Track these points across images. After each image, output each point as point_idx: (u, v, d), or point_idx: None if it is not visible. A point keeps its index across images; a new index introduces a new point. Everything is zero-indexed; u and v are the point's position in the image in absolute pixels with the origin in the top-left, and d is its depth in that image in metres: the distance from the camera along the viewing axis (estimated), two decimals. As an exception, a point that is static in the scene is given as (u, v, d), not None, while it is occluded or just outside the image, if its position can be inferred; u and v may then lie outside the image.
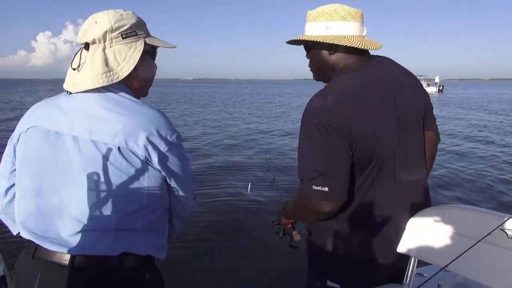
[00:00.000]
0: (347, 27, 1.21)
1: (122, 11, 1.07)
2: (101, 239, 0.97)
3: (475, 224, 1.14)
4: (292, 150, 8.33)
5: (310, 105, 1.18)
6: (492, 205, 4.84)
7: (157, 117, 1.03)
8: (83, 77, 1.02)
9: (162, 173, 1.03)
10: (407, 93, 1.25)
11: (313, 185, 1.13)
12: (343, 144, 1.11)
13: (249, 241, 3.80)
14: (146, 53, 1.10)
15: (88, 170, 0.96)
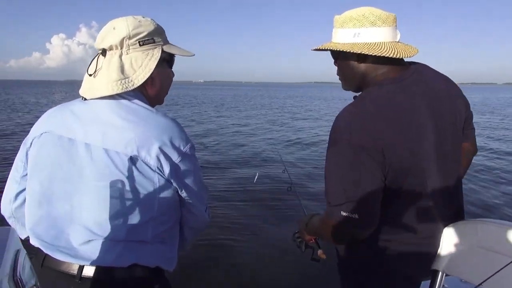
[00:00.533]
0: (377, 33, 1.11)
1: (141, 17, 1.07)
2: (111, 250, 0.97)
3: (509, 241, 1.09)
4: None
5: (339, 122, 1.10)
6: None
7: (171, 126, 1.01)
8: (98, 84, 1.01)
9: (174, 184, 1.01)
10: (446, 104, 1.16)
11: (342, 211, 1.05)
12: (375, 166, 1.03)
13: (266, 247, 3.78)
14: (163, 61, 1.09)
15: (99, 178, 0.96)
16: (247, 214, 4.70)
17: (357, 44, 1.12)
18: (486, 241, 1.15)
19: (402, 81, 1.12)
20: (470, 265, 1.18)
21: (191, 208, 1.10)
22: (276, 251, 3.60)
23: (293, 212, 4.08)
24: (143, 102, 1.04)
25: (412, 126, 1.07)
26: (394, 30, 1.14)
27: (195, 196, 1.08)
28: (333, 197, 1.09)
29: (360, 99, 1.13)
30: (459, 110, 1.20)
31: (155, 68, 1.05)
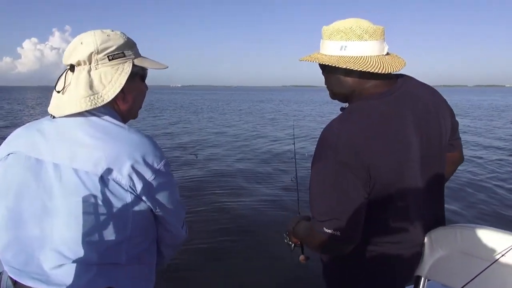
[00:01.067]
0: (364, 47, 1.09)
1: (109, 31, 1.03)
2: (83, 274, 0.93)
3: (488, 245, 1.13)
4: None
5: (325, 137, 1.09)
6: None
7: (143, 143, 0.98)
8: (67, 101, 0.98)
9: (148, 203, 0.98)
10: (433, 117, 1.16)
11: (324, 227, 1.07)
12: (359, 184, 1.03)
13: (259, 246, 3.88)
14: (135, 75, 1.06)
15: (69, 199, 0.92)
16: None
17: (344, 57, 1.11)
18: (465, 246, 1.17)
19: (390, 96, 1.12)
20: (451, 270, 1.21)
21: (167, 226, 1.08)
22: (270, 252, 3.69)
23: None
24: (115, 118, 1.01)
25: (398, 143, 1.07)
26: (381, 44, 1.13)
27: (171, 214, 1.05)
28: (316, 212, 1.09)
29: (347, 114, 1.12)
30: (445, 121, 1.21)
31: (126, 83, 1.01)
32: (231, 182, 6.56)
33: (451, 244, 1.20)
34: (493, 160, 8.32)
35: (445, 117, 1.22)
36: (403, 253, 1.19)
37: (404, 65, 1.13)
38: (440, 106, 1.21)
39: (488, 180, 6.51)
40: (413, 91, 1.18)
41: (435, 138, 1.17)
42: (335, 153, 1.03)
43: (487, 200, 5.40)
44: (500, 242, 1.09)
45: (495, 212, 4.92)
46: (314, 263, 1.41)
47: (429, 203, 1.22)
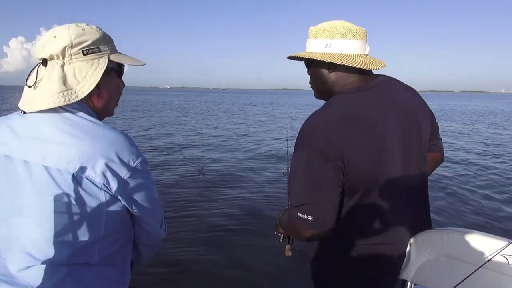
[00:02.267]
0: (347, 45, 1.16)
1: (84, 25, 1.00)
2: (51, 275, 0.89)
3: (475, 249, 1.12)
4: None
5: (304, 127, 1.14)
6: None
7: (118, 140, 0.94)
8: (39, 96, 0.94)
9: (123, 202, 0.94)
10: (412, 116, 1.20)
11: (299, 212, 1.11)
12: (333, 172, 1.07)
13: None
14: (111, 71, 1.03)
15: (39, 198, 0.88)
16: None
17: (328, 54, 1.17)
18: (452, 250, 1.16)
19: (369, 89, 1.17)
20: (437, 274, 1.20)
21: (144, 225, 1.05)
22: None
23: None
24: (89, 115, 0.98)
25: (374, 132, 1.10)
26: (363, 44, 1.19)
27: (148, 213, 1.02)
28: (292, 198, 1.15)
29: (326, 105, 1.18)
30: (425, 122, 1.24)
31: (102, 79, 0.99)
32: (224, 177, 6.62)
33: (438, 248, 1.19)
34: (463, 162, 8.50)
35: (425, 118, 1.25)
36: (386, 252, 1.19)
37: (384, 65, 1.19)
38: (419, 107, 1.25)
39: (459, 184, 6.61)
40: (394, 88, 1.23)
41: (415, 136, 1.20)
42: (310, 141, 1.08)
43: (453, 202, 5.46)
44: (487, 247, 1.09)
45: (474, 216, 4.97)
46: (304, 259, 1.40)
47: (412, 201, 1.23)
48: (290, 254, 1.49)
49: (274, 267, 3.28)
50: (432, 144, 1.31)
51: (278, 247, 1.60)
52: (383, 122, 1.12)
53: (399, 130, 1.14)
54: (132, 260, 1.13)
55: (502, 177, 7.06)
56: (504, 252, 1.05)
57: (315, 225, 1.10)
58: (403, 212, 1.20)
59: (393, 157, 1.13)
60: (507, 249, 1.05)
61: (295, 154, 1.13)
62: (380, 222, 1.17)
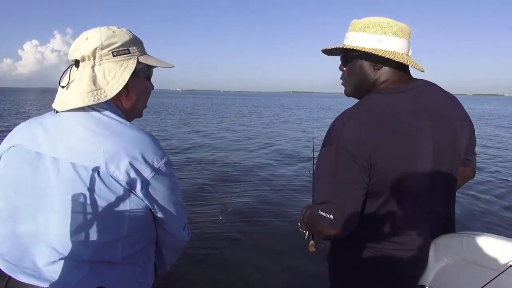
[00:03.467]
0: (397, 43, 1.12)
1: (115, 28, 1.04)
2: (75, 271, 0.91)
3: (495, 254, 1.09)
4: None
5: (334, 124, 1.12)
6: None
7: (144, 140, 0.97)
8: (70, 95, 0.98)
9: (146, 202, 0.96)
10: (449, 125, 1.15)
11: (320, 210, 1.11)
12: (358, 171, 1.05)
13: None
14: (139, 72, 1.06)
15: (65, 194, 0.91)
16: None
17: (379, 49, 1.12)
18: (472, 254, 1.14)
19: (407, 91, 1.13)
20: (456, 280, 1.18)
21: (166, 227, 1.05)
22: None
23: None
24: (117, 115, 1.00)
25: (406, 137, 1.07)
26: (409, 44, 1.16)
27: (170, 215, 1.03)
28: (315, 195, 1.14)
29: (360, 104, 1.15)
30: (462, 134, 1.19)
31: (130, 80, 1.02)
32: (251, 177, 6.72)
33: (457, 253, 1.16)
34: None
35: (463, 130, 1.19)
36: (407, 255, 1.16)
37: (424, 70, 1.16)
38: (459, 117, 1.20)
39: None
40: (433, 94, 1.18)
41: (449, 146, 1.15)
42: (339, 139, 1.06)
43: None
44: (508, 252, 1.06)
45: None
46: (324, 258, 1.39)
47: (438, 207, 1.20)
48: (313, 250, 1.45)
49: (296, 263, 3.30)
50: (466, 159, 1.27)
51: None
52: (417, 127, 1.08)
53: (432, 137, 1.10)
54: (156, 264, 1.14)
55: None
56: (527, 257, 1.02)
57: (335, 224, 1.09)
58: (427, 219, 1.17)
59: (423, 164, 1.10)
60: (530, 254, 1.02)
61: (322, 151, 1.12)
62: (402, 228, 1.14)
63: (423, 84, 1.17)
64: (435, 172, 1.13)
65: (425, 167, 1.10)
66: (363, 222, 1.13)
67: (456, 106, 1.21)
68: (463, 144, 1.20)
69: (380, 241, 1.16)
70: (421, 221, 1.16)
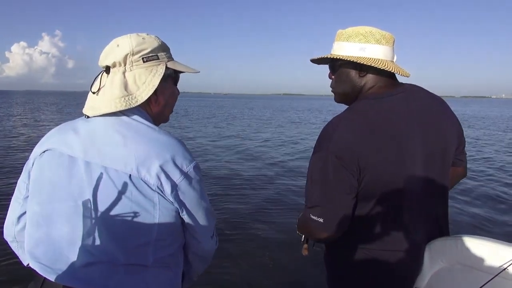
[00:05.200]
0: (380, 50, 1.17)
1: (145, 34, 1.06)
2: (111, 274, 0.93)
3: (490, 257, 1.11)
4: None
5: (325, 129, 1.15)
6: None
7: (173, 144, 0.98)
8: (101, 101, 1.00)
9: (175, 205, 0.97)
10: (438, 126, 1.18)
11: (311, 213, 1.14)
12: (348, 176, 1.08)
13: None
14: (167, 78, 1.08)
15: (98, 197, 0.92)
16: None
17: (362, 57, 1.17)
18: (466, 258, 1.15)
19: (394, 96, 1.16)
20: (451, 283, 1.19)
21: (194, 233, 1.05)
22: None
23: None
24: (146, 120, 1.02)
25: (395, 143, 1.09)
26: (393, 51, 1.21)
27: (198, 220, 1.03)
28: (307, 199, 1.17)
29: (349, 110, 1.18)
30: (450, 135, 1.22)
31: (159, 85, 1.03)
32: (245, 180, 6.73)
33: (452, 256, 1.18)
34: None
35: (451, 131, 1.23)
36: (400, 257, 1.18)
37: (409, 75, 1.20)
38: (446, 118, 1.23)
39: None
40: (420, 97, 1.21)
41: (438, 147, 1.18)
42: (328, 144, 1.09)
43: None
44: (502, 255, 1.08)
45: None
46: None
47: (431, 211, 1.21)
48: (306, 254, 1.47)
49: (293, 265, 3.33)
50: (457, 159, 1.30)
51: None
52: (406, 131, 1.11)
53: (421, 140, 1.13)
54: (184, 272, 1.13)
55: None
56: (521, 260, 1.04)
57: (326, 227, 1.12)
58: (420, 221, 1.19)
59: (412, 167, 1.12)
60: (523, 257, 1.04)
61: (313, 156, 1.15)
62: (393, 231, 1.16)
63: (410, 88, 1.21)
64: (426, 174, 1.15)
65: (414, 170, 1.12)
66: (356, 224, 1.15)
67: (443, 108, 1.24)
68: (452, 145, 1.23)
69: (373, 244, 1.17)
70: (414, 223, 1.17)
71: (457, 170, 1.34)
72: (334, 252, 1.29)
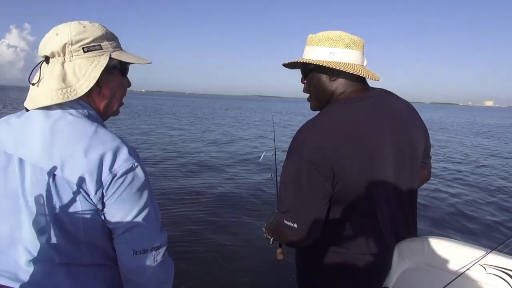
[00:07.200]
0: (350, 55, 1.17)
1: (87, 22, 0.99)
2: (50, 274, 0.91)
3: (454, 258, 1.14)
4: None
5: (297, 135, 1.15)
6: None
7: (107, 142, 0.90)
8: (39, 93, 0.94)
9: (98, 206, 0.89)
10: (407, 130, 1.20)
11: (284, 219, 1.13)
12: (322, 181, 1.08)
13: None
14: (112, 69, 1.01)
15: (30, 197, 0.89)
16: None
17: (332, 62, 1.16)
18: (432, 258, 1.19)
19: (365, 100, 1.17)
20: (417, 283, 1.22)
21: (115, 245, 0.94)
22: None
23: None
24: (90, 114, 0.96)
25: (367, 146, 1.10)
26: (363, 55, 1.21)
27: (127, 231, 0.91)
28: (280, 204, 1.17)
29: (320, 115, 1.19)
30: (418, 138, 1.25)
31: (103, 77, 0.97)
32: (208, 180, 6.70)
33: (419, 256, 1.21)
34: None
35: (419, 134, 1.26)
36: (371, 260, 1.19)
37: (379, 79, 1.21)
38: (414, 122, 1.26)
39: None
40: (390, 101, 1.23)
41: (407, 150, 1.20)
42: (302, 150, 1.09)
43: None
44: (466, 256, 1.12)
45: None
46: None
47: (401, 214, 1.24)
48: (282, 258, 1.47)
49: (264, 269, 3.33)
50: (422, 162, 1.33)
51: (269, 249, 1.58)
52: (376, 134, 1.13)
53: (391, 143, 1.15)
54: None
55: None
56: (482, 261, 1.08)
57: (299, 232, 1.11)
58: (391, 225, 1.21)
59: (384, 170, 1.14)
60: (485, 258, 1.08)
61: (286, 161, 1.14)
62: (366, 233, 1.17)
63: (380, 93, 1.23)
64: (396, 178, 1.17)
65: (386, 173, 1.14)
66: (328, 228, 1.16)
67: (412, 113, 1.27)
68: (420, 149, 1.26)
69: (345, 247, 1.18)
70: (385, 226, 1.19)
71: (422, 173, 1.36)
72: (305, 254, 1.30)
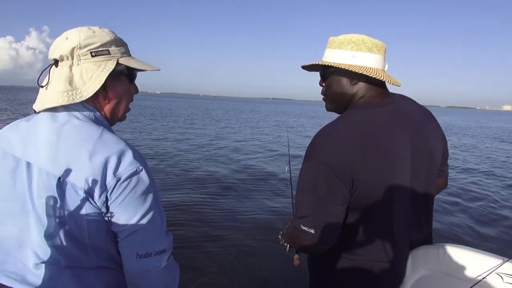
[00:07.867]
0: (372, 59, 1.16)
1: (96, 28, 1.02)
2: (56, 277, 0.92)
3: (470, 266, 1.13)
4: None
5: (315, 139, 1.14)
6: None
7: (112, 145, 0.91)
8: (47, 95, 0.97)
9: (102, 210, 0.90)
10: (426, 137, 1.19)
11: (302, 224, 1.12)
12: (340, 186, 1.06)
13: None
14: (119, 74, 1.03)
15: (38, 200, 0.90)
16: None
17: (353, 65, 1.15)
18: (447, 266, 1.17)
19: (384, 106, 1.16)
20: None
21: (119, 247, 0.96)
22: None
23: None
24: (95, 117, 0.98)
25: (385, 153, 1.09)
26: (384, 60, 1.20)
27: (131, 235, 0.92)
28: (297, 209, 1.16)
29: (340, 119, 1.17)
30: (437, 146, 1.23)
31: (109, 81, 0.99)
32: (223, 185, 6.68)
33: (433, 264, 1.20)
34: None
35: (437, 142, 1.24)
36: (386, 267, 1.18)
37: (400, 84, 1.19)
38: (433, 130, 1.25)
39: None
40: (409, 108, 1.21)
41: (425, 158, 1.19)
42: (321, 154, 1.08)
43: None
44: (482, 264, 1.10)
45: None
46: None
47: (417, 222, 1.23)
48: (298, 264, 1.46)
49: (274, 269, 3.34)
50: (439, 170, 1.31)
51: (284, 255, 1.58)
52: (395, 142, 1.11)
53: (409, 151, 1.13)
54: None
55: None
56: (499, 270, 1.06)
57: (316, 238, 1.10)
58: (407, 232, 1.20)
59: (402, 177, 1.12)
60: (502, 267, 1.06)
61: (304, 165, 1.13)
62: (380, 241, 1.16)
63: (399, 99, 1.21)
64: (414, 185, 1.16)
65: (404, 180, 1.13)
66: (344, 234, 1.14)
67: (430, 120, 1.26)
68: (438, 157, 1.25)
69: (358, 253, 1.17)
70: (401, 234, 1.18)
71: (438, 181, 1.34)
72: (319, 259, 1.29)
